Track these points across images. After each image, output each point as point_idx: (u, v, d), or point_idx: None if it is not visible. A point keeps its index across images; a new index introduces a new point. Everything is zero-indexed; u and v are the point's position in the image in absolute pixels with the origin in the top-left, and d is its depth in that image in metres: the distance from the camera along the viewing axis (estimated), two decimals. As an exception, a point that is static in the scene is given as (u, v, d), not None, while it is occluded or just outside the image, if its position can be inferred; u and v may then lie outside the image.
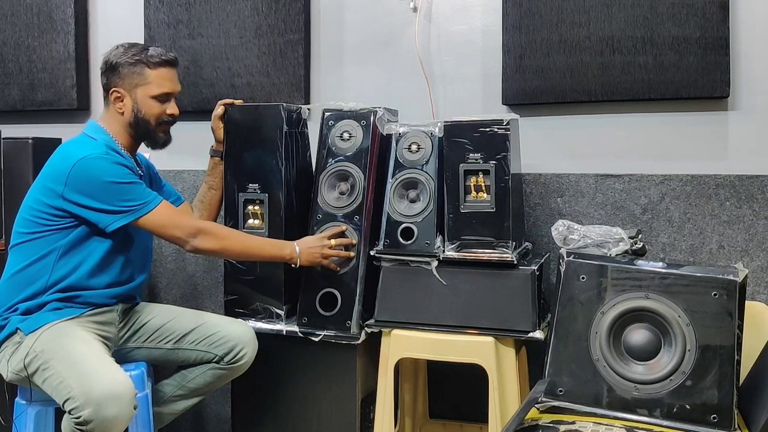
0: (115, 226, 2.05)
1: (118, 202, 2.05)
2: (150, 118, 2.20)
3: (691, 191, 2.36)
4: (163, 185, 2.42)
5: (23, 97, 3.08)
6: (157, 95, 2.19)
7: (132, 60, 2.17)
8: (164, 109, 2.21)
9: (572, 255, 1.97)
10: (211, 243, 2.12)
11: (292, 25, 2.74)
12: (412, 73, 2.63)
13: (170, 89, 2.22)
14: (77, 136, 2.20)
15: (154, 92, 2.18)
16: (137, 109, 2.18)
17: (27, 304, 2.06)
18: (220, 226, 2.23)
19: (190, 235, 2.09)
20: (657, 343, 1.86)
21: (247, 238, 2.23)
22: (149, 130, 2.21)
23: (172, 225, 2.09)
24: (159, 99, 2.20)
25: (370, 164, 2.27)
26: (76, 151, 2.08)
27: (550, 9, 2.43)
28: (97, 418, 1.80)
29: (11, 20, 3.08)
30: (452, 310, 2.17)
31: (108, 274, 2.13)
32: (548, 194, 2.49)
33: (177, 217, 2.14)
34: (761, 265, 2.29)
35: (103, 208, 2.04)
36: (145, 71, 2.17)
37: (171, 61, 2.23)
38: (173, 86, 2.23)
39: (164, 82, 2.20)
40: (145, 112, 2.19)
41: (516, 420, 1.74)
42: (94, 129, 2.19)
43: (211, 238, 2.12)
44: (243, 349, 2.17)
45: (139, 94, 2.18)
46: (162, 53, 2.21)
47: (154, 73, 2.18)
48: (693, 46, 2.30)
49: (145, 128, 2.21)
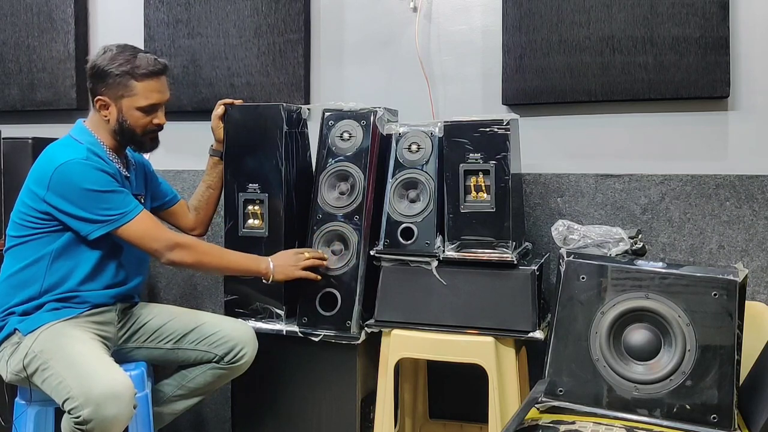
0: (95, 235, 2.03)
1: (97, 211, 2.02)
2: (136, 129, 2.15)
3: (691, 191, 2.36)
4: (159, 183, 2.41)
5: (23, 97, 3.08)
6: (143, 107, 2.13)
7: (118, 71, 2.10)
8: (150, 120, 2.16)
9: (572, 255, 1.97)
10: (187, 257, 2.10)
11: (292, 24, 2.74)
12: (412, 73, 2.63)
13: (157, 100, 2.16)
14: (62, 138, 2.17)
15: (140, 104, 2.12)
16: (122, 119, 2.13)
17: (24, 307, 2.06)
18: (197, 241, 2.20)
19: (167, 248, 2.07)
20: (657, 343, 1.86)
21: (223, 252, 2.22)
22: (135, 138, 2.17)
23: (149, 237, 2.07)
24: (145, 110, 2.14)
25: (370, 164, 2.27)
26: (59, 154, 2.06)
27: (550, 9, 2.43)
28: (97, 418, 1.80)
29: (11, 20, 3.09)
30: (452, 310, 2.17)
31: (101, 280, 2.12)
32: (548, 194, 2.49)
33: (155, 229, 2.10)
34: (761, 265, 2.29)
35: (83, 216, 2.02)
36: (131, 83, 2.10)
37: (159, 71, 2.15)
38: (160, 97, 2.17)
39: (151, 94, 2.13)
40: (130, 122, 2.14)
41: (516, 420, 1.74)
42: (80, 131, 2.16)
43: (188, 252, 2.10)
44: (243, 348, 2.17)
45: (125, 105, 2.12)
46: (150, 63, 2.13)
47: (140, 86, 2.11)
48: (693, 46, 2.30)
49: (130, 137, 2.16)
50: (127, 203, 2.06)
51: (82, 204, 2.02)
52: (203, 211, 2.45)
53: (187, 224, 2.45)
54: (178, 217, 2.45)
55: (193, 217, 2.46)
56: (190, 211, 2.46)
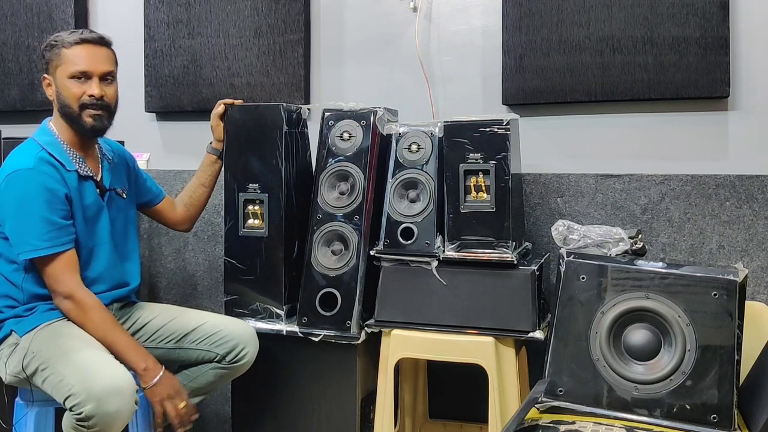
0: (21, 258, 2.00)
1: (22, 236, 1.99)
2: (70, 101, 2.07)
3: (691, 191, 2.36)
4: (145, 179, 2.39)
5: (23, 97, 3.09)
6: (73, 74, 2.06)
7: (52, 43, 2.09)
8: (84, 90, 2.07)
9: (572, 255, 1.97)
10: (74, 313, 2.02)
11: (292, 25, 2.74)
12: (412, 73, 2.63)
13: (86, 67, 2.06)
14: (26, 140, 2.12)
15: (69, 70, 2.06)
16: (59, 92, 2.08)
17: (15, 311, 2.05)
18: (94, 305, 2.02)
19: (62, 294, 2.00)
20: (657, 343, 1.86)
21: (112, 329, 2.02)
22: (73, 115, 2.08)
23: (54, 277, 2.00)
24: (76, 78, 2.06)
25: (370, 164, 2.27)
26: (11, 161, 2.03)
27: (550, 9, 2.43)
28: (99, 413, 1.79)
29: (11, 20, 3.09)
30: (452, 310, 2.17)
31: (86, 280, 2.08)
32: (548, 194, 2.49)
33: (63, 273, 2.00)
34: (761, 265, 2.29)
35: (12, 236, 2.00)
36: (61, 51, 2.07)
37: (90, 40, 2.09)
38: (91, 65, 2.07)
39: (79, 60, 2.06)
40: (65, 95, 2.07)
41: (516, 420, 1.74)
42: (41, 131, 2.13)
43: (77, 311, 2.01)
44: (244, 348, 2.17)
45: (59, 76, 2.07)
46: (83, 33, 2.09)
47: (69, 52, 2.06)
48: (693, 46, 2.30)
49: (70, 113, 2.08)
50: (51, 237, 1.98)
51: (13, 222, 1.99)
52: (193, 208, 2.44)
53: (174, 220, 2.45)
54: (165, 214, 2.44)
55: (182, 213, 2.45)
56: (178, 207, 2.45)
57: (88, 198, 2.11)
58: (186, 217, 2.46)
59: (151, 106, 2.93)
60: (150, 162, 2.98)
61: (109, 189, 2.18)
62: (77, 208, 2.07)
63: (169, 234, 2.90)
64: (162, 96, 2.90)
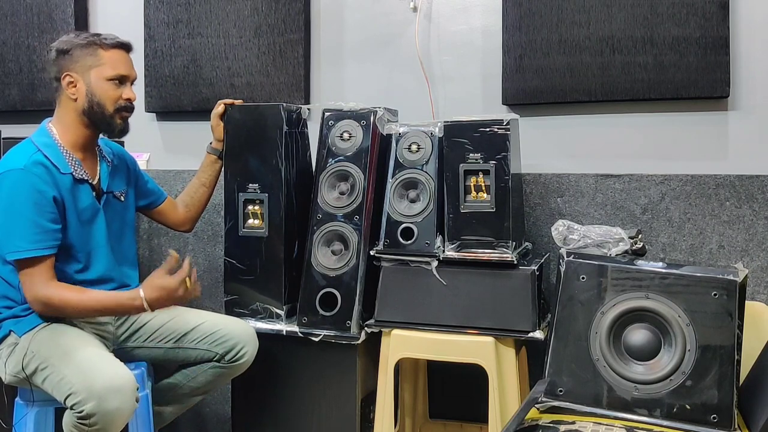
0: (8, 259, 1.99)
1: (8, 236, 1.97)
2: (106, 102, 2.08)
3: (691, 191, 2.36)
4: (146, 181, 2.38)
5: (23, 97, 3.08)
6: (112, 77, 2.09)
7: (84, 42, 2.08)
8: (120, 93, 2.10)
9: (572, 255, 1.97)
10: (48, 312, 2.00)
11: (292, 24, 2.74)
12: (412, 73, 2.63)
13: (126, 72, 2.12)
14: (23, 141, 2.10)
15: (108, 74, 2.08)
16: (91, 92, 2.07)
17: (12, 311, 2.05)
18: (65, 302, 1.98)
19: (36, 300, 1.97)
20: (657, 343, 1.86)
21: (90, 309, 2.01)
22: (105, 116, 2.09)
23: (30, 282, 1.97)
24: (115, 81, 2.09)
25: (370, 164, 2.27)
26: (6, 161, 2.02)
27: (550, 9, 2.43)
28: (100, 411, 1.79)
29: (11, 20, 3.08)
30: (452, 310, 2.17)
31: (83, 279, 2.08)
32: (548, 194, 2.49)
33: (39, 279, 1.96)
34: (761, 265, 2.29)
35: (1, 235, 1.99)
36: (98, 52, 2.08)
37: (125, 45, 2.14)
38: (129, 70, 2.13)
39: (119, 64, 2.10)
40: (100, 95, 2.08)
41: (516, 420, 1.74)
42: (39, 132, 2.11)
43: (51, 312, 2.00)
44: (244, 347, 2.17)
45: (93, 77, 2.07)
46: (116, 36, 2.12)
47: (107, 54, 2.09)
48: (693, 46, 2.30)
49: (101, 114, 2.09)
50: (35, 240, 1.96)
51: (2, 222, 1.98)
52: (194, 208, 2.44)
53: (176, 220, 2.45)
54: (167, 215, 2.44)
55: (183, 214, 2.45)
56: (179, 208, 2.45)
57: (83, 201, 2.09)
58: (187, 217, 2.46)
59: (151, 106, 2.92)
60: (150, 162, 2.98)
61: (107, 192, 2.17)
62: (71, 212, 2.05)
63: (169, 234, 2.90)
64: (162, 96, 2.90)
